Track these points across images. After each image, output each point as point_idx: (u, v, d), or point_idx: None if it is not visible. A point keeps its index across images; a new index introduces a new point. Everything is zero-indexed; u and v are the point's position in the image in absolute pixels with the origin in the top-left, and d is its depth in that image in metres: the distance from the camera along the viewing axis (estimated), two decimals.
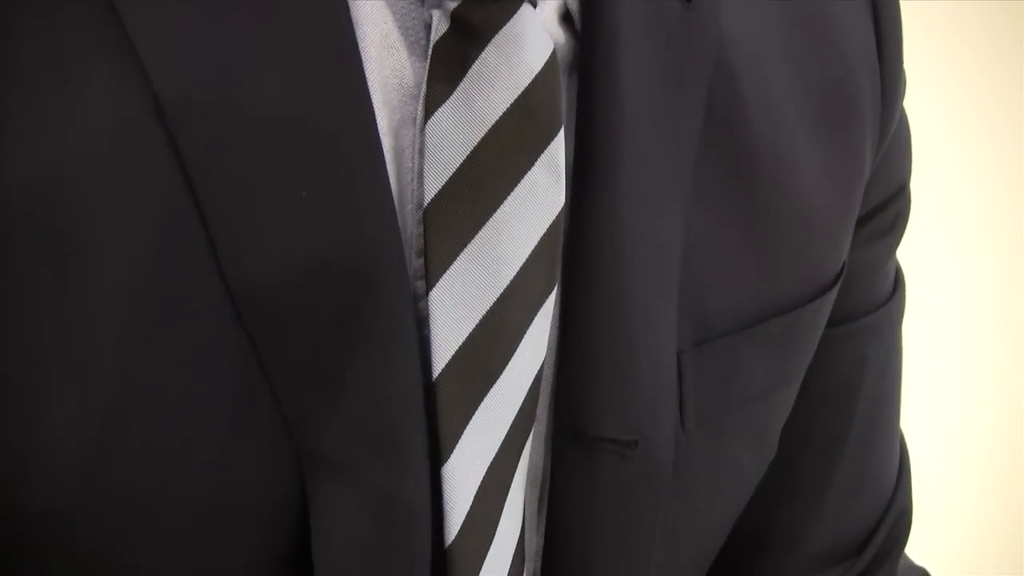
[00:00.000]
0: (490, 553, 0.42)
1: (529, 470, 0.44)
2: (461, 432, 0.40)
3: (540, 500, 0.45)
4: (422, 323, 0.39)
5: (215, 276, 0.37)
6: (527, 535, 0.45)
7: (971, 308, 1.69)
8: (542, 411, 0.44)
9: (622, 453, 0.43)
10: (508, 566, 0.43)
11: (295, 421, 0.38)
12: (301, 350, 0.38)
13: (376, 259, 0.38)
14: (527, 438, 0.43)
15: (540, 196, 0.40)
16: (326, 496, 0.39)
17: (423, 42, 0.39)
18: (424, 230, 0.39)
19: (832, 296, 0.50)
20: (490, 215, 0.40)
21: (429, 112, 0.39)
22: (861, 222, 0.52)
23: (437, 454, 0.40)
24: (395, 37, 0.39)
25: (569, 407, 0.43)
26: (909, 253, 0.59)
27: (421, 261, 0.39)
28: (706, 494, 0.48)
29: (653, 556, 0.47)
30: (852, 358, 0.54)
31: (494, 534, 0.42)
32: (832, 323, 0.52)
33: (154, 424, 0.37)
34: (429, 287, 0.39)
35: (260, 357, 0.38)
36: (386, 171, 0.39)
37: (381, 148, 0.38)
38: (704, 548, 0.52)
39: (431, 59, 0.39)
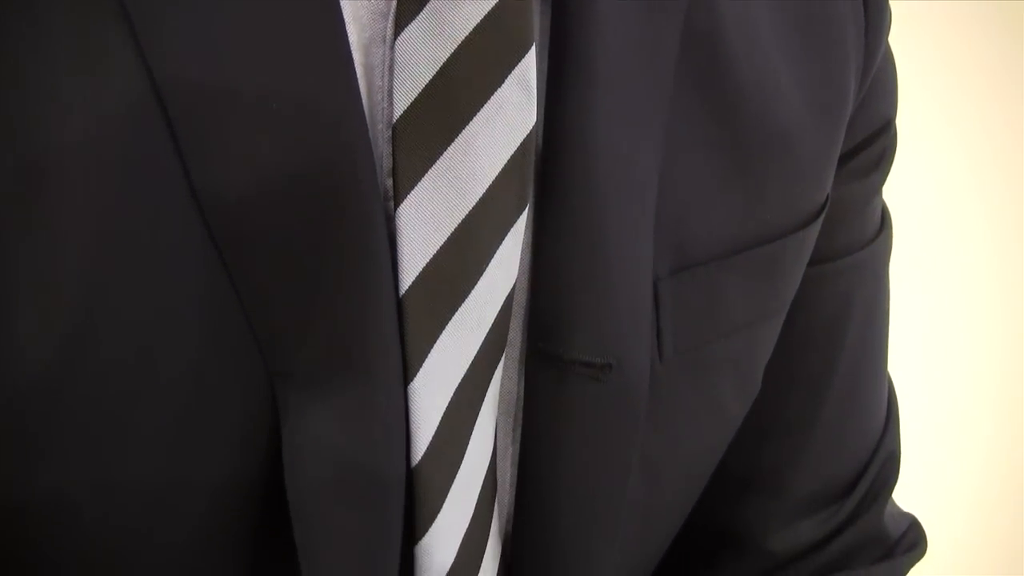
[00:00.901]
0: (458, 477, 0.42)
1: (502, 399, 0.44)
2: (428, 350, 0.40)
3: (513, 431, 0.45)
4: (393, 242, 0.39)
5: (184, 188, 0.37)
6: (499, 465, 0.45)
7: (971, 308, 1.69)
8: (515, 336, 0.43)
9: (596, 377, 0.43)
10: (477, 493, 0.43)
11: (265, 337, 0.38)
12: (271, 265, 0.38)
13: (347, 174, 0.38)
14: (498, 362, 0.42)
15: (511, 113, 0.40)
16: (297, 413, 0.39)
17: None
18: (393, 148, 0.39)
19: (815, 229, 0.49)
20: (459, 131, 0.39)
21: (399, 28, 0.39)
22: (846, 158, 0.51)
23: (405, 372, 0.39)
24: None
25: (542, 330, 0.43)
26: (909, 253, 0.59)
27: (390, 181, 0.39)
28: (687, 428, 0.48)
29: (630, 492, 0.46)
30: (838, 297, 0.53)
31: (462, 458, 0.42)
32: (818, 261, 0.51)
33: (122, 338, 0.37)
34: (397, 204, 0.39)
35: (229, 272, 0.37)
36: (358, 87, 0.38)
37: (353, 64, 0.38)
38: (686, 488, 0.51)
39: None
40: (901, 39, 0.57)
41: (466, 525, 0.43)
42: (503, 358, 0.43)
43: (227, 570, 0.41)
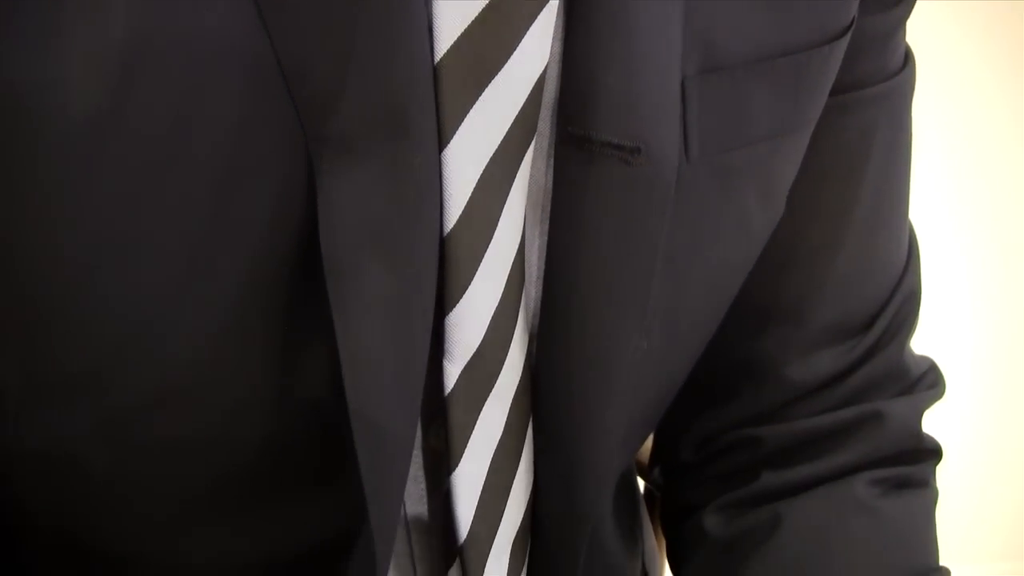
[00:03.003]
0: (489, 252, 0.43)
1: (531, 190, 0.45)
2: (462, 118, 0.41)
3: (541, 224, 0.46)
4: (429, 8, 0.40)
5: None
6: (527, 258, 0.46)
7: (972, 307, 1.71)
8: (544, 127, 0.44)
9: (625, 160, 0.44)
10: (507, 274, 0.44)
11: (304, 101, 0.39)
12: (311, 28, 0.38)
13: None
14: (527, 146, 0.43)
15: None
16: (333, 176, 0.40)
17: None
18: None
19: (840, 48, 0.50)
20: None
21: None
22: None
23: (440, 138, 0.41)
24: None
25: (571, 115, 0.44)
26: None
27: None
28: (711, 235, 0.49)
29: (653, 300, 0.47)
30: (860, 127, 0.54)
31: (492, 234, 0.43)
32: (840, 90, 0.52)
33: (164, 91, 0.38)
34: None
35: (270, 34, 0.38)
36: None
37: None
38: (708, 306, 0.52)
39: None
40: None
41: (495, 304, 0.44)
42: (532, 147, 0.44)
43: (263, 345, 0.42)
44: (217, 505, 0.46)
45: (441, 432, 0.47)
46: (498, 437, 0.46)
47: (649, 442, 0.68)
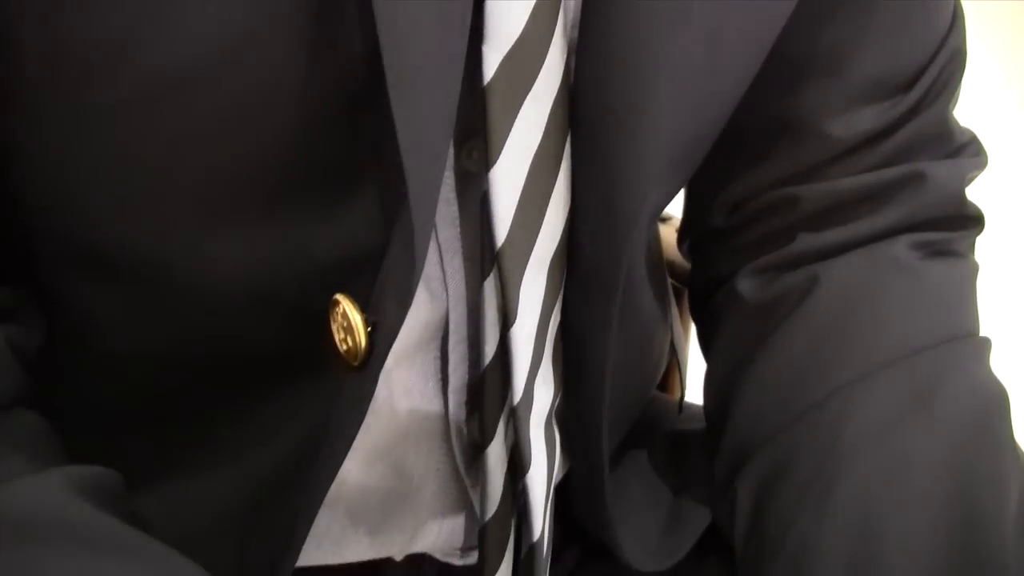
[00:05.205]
0: None
1: None
2: None
3: None
4: None
5: None
6: None
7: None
8: None
9: None
10: None
11: None
12: None
13: None
14: None
15: None
16: None
17: None
18: None
19: None
20: None
21: None
22: None
23: None
24: None
25: None
26: None
27: None
28: None
29: (686, 57, 0.45)
30: None
31: None
32: None
33: None
34: None
35: None
36: None
37: None
38: (752, 27, 0.49)
39: None
40: None
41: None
42: None
43: (294, 13, 0.40)
44: (241, 204, 0.43)
45: (477, 144, 0.45)
46: (537, 140, 0.45)
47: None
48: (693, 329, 0.68)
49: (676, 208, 0.66)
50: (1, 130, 0.43)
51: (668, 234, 0.67)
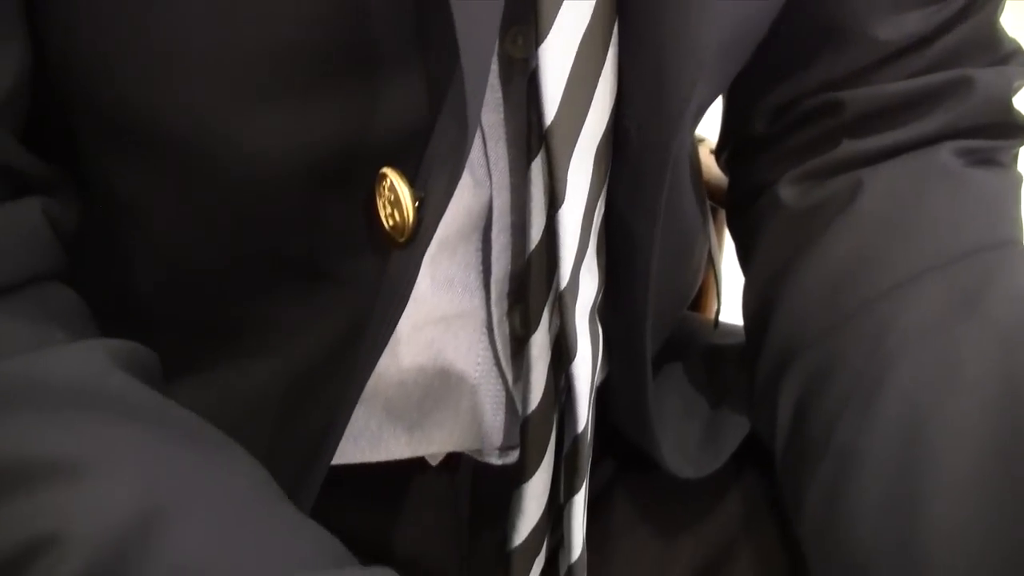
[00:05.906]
0: None
1: None
2: None
3: None
4: None
5: None
6: None
7: None
8: None
9: None
10: None
11: None
12: None
13: None
14: None
15: None
16: None
17: None
18: None
19: None
20: None
21: None
22: None
23: None
24: None
25: None
26: None
27: None
28: None
29: None
30: None
31: None
32: None
33: None
34: None
35: None
36: None
37: None
38: None
39: None
40: None
41: None
42: None
43: None
44: (281, 78, 0.43)
45: (522, 31, 0.44)
46: (587, 21, 0.44)
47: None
48: (727, 250, 0.67)
49: (710, 131, 0.65)
50: None
51: (703, 155, 0.66)
